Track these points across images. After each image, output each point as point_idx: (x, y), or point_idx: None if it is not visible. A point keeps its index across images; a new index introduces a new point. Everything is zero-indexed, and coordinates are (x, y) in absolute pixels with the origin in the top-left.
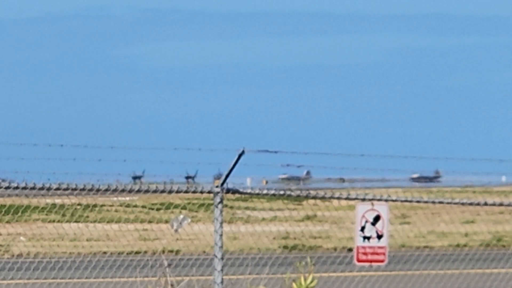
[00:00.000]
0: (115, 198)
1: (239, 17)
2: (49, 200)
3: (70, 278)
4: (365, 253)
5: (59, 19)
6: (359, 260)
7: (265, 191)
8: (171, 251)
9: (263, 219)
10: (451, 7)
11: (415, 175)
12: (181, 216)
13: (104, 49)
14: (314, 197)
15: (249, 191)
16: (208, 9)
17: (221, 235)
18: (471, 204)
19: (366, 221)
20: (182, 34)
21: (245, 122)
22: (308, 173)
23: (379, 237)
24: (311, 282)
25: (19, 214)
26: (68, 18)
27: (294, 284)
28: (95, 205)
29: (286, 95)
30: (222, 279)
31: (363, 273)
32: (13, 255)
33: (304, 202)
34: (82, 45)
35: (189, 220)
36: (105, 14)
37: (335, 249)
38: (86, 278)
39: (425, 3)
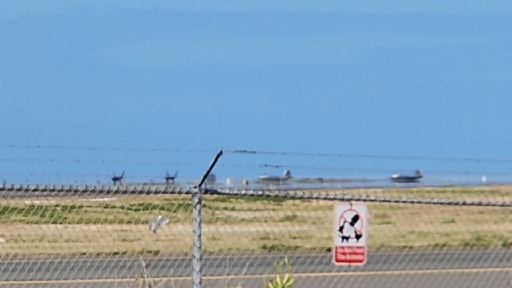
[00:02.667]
0: (94, 199)
1: (219, 17)
2: (27, 201)
3: (49, 279)
4: (343, 253)
5: (38, 20)
6: (338, 260)
7: (243, 192)
8: (150, 252)
9: (243, 219)
10: (433, 7)
11: (395, 175)
12: (160, 217)
13: (83, 49)
14: (293, 197)
15: (227, 191)
16: (188, 9)
17: (199, 236)
18: (450, 203)
19: (345, 221)
20: (162, 34)
21: (225, 122)
22: (288, 173)
23: (358, 237)
24: (287, 281)
25: None
26: (47, 19)
27: (270, 284)
28: (74, 206)
29: (266, 95)
30: (201, 279)
31: (342, 273)
32: None
33: (284, 203)
34: (61, 46)
35: (168, 220)
36: (84, 15)
37: (314, 249)
38: (65, 279)
39: (407, 2)
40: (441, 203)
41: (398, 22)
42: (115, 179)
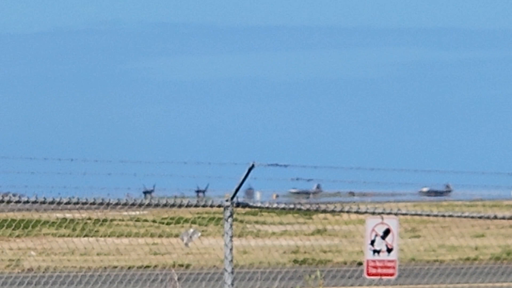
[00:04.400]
0: (125, 213)
1: (248, 31)
2: (59, 215)
3: None
4: (375, 267)
5: (69, 33)
6: (369, 274)
7: (275, 205)
8: (181, 265)
9: (273, 233)
10: (460, 21)
11: (425, 189)
12: (191, 230)
13: (114, 63)
14: (324, 211)
15: (259, 205)
16: (217, 23)
17: (231, 249)
18: (481, 217)
19: (376, 235)
20: (192, 48)
21: (255, 136)
22: (318, 187)
23: (389, 250)
24: None
25: (30, 228)
26: (78, 33)
27: None
28: (105, 220)
29: (296, 109)
30: None
31: (373, 286)
32: (23, 270)
33: (314, 216)
34: (92, 59)
35: (200, 234)
36: (115, 29)
37: (345, 263)
38: None
39: (434, 17)
40: (472, 217)
41: (426, 37)
42: (146, 192)
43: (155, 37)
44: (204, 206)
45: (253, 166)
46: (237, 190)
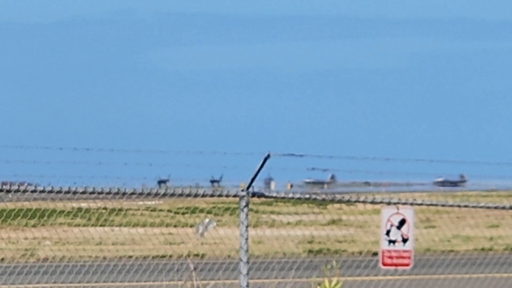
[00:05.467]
0: (140, 202)
1: (264, 21)
2: (74, 204)
3: (95, 282)
4: (390, 257)
5: (85, 23)
6: (384, 264)
7: (290, 195)
8: (197, 255)
9: (288, 223)
10: (477, 12)
11: (439, 179)
12: (207, 220)
13: (129, 52)
14: (340, 201)
15: (274, 195)
16: (232, 14)
17: (246, 239)
18: (496, 208)
19: (392, 225)
20: (207, 38)
21: (270, 126)
22: (332, 177)
23: (405, 241)
24: (336, 284)
25: (45, 218)
26: (94, 23)
27: (318, 287)
28: (120, 209)
29: (311, 99)
30: (248, 282)
31: (388, 276)
32: (39, 259)
33: (329, 206)
34: (108, 49)
35: (215, 224)
36: (131, 18)
37: (360, 253)
38: (112, 282)
39: (451, 7)
40: (488, 207)
41: (442, 27)
42: (161, 181)
43: (170, 27)
44: (220, 196)
45: (268, 156)
46: (252, 179)
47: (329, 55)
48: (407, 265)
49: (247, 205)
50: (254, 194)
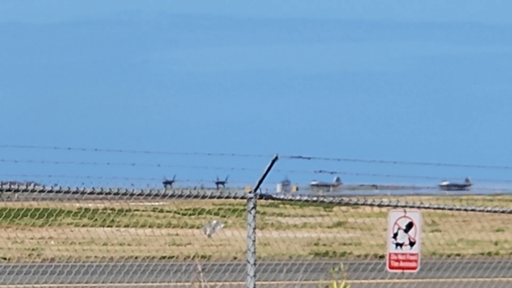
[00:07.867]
0: (147, 203)
1: (269, 23)
2: (81, 205)
3: (101, 283)
4: (397, 260)
5: (90, 24)
6: (391, 267)
7: (297, 197)
8: (203, 257)
9: (294, 225)
10: (484, 15)
11: (445, 183)
12: (215, 221)
13: (134, 54)
14: (347, 204)
15: (282, 197)
16: (239, 15)
17: (254, 241)
18: (503, 212)
19: (399, 228)
20: (212, 39)
21: (275, 128)
22: (338, 179)
23: (412, 244)
24: (344, 287)
25: (52, 218)
26: (99, 23)
27: None
28: (127, 210)
29: (317, 102)
30: (255, 284)
31: (395, 280)
32: (45, 259)
33: (335, 209)
34: (112, 50)
35: (223, 225)
36: (135, 19)
37: (365, 256)
38: (118, 282)
39: (457, 11)
40: (495, 211)
41: (448, 31)
42: (166, 182)
43: (175, 28)
44: (227, 197)
45: (276, 158)
46: (260, 181)
47: (335, 57)
48: (414, 268)
49: (254, 207)
50: (261, 196)
